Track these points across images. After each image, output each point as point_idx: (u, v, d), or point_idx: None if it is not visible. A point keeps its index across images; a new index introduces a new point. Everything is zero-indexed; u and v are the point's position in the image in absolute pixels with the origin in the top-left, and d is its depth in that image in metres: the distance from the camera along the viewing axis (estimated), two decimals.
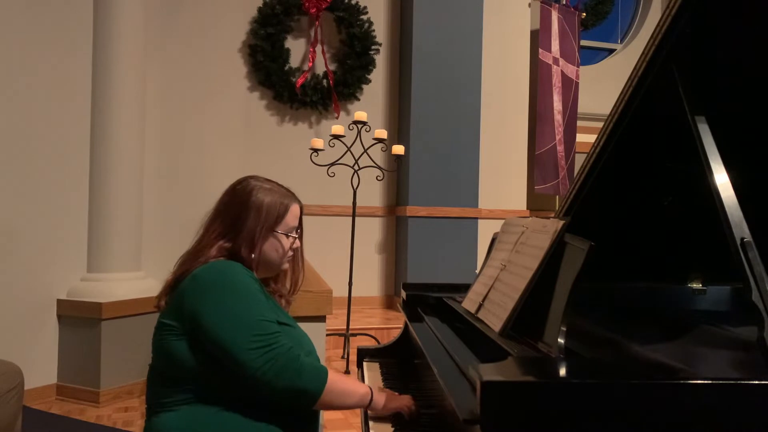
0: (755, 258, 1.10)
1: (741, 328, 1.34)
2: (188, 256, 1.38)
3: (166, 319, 1.31)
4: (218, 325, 1.23)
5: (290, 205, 1.45)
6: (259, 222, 1.38)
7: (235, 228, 1.38)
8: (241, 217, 1.39)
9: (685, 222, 1.60)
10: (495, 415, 0.84)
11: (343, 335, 3.98)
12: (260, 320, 1.25)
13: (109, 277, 3.68)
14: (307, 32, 5.24)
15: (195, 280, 1.29)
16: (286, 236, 1.44)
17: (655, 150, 1.55)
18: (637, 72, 1.36)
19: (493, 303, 1.33)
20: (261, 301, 1.30)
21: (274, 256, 1.43)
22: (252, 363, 1.20)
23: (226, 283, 1.28)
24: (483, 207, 5.26)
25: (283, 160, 5.00)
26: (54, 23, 3.58)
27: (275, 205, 1.41)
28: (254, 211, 1.39)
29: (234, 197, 1.43)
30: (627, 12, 7.00)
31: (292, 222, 1.45)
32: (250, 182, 1.44)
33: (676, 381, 0.90)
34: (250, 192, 1.41)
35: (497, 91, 5.38)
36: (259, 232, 1.38)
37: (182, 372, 1.27)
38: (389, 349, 1.87)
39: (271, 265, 1.45)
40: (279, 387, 1.21)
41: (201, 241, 1.40)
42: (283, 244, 1.43)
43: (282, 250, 1.43)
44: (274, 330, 1.26)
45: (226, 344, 1.21)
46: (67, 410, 3.34)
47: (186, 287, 1.30)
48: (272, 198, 1.42)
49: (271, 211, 1.40)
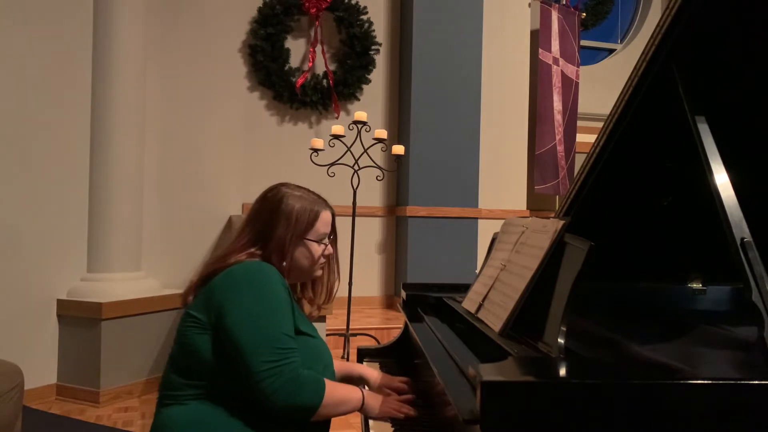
0: (755, 258, 1.11)
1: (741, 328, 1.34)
2: (217, 260, 1.37)
3: (193, 311, 1.32)
4: (242, 326, 1.23)
5: (321, 211, 1.44)
6: (289, 229, 1.39)
7: (266, 236, 1.39)
8: (271, 224, 1.39)
9: (686, 222, 1.60)
10: (495, 415, 0.84)
11: (343, 335, 3.98)
12: (282, 333, 1.25)
13: (109, 277, 3.68)
14: (307, 32, 5.24)
15: (229, 276, 1.30)
16: (318, 243, 1.44)
17: (655, 150, 1.55)
18: (637, 72, 1.36)
19: (493, 303, 1.33)
20: (287, 313, 1.29)
21: (305, 264, 1.43)
22: (261, 373, 1.20)
23: (258, 285, 1.28)
24: (483, 207, 5.26)
25: (283, 160, 5.00)
26: (54, 23, 3.58)
27: (305, 212, 1.41)
28: (284, 219, 1.39)
29: (264, 204, 1.43)
30: (627, 12, 7.00)
31: (324, 229, 1.45)
32: (281, 189, 1.44)
33: (676, 381, 0.90)
34: (281, 199, 1.41)
35: (497, 91, 5.38)
36: (290, 240, 1.39)
37: (198, 365, 1.28)
38: (389, 349, 1.87)
39: (303, 273, 1.45)
40: (278, 403, 1.21)
41: (232, 246, 1.40)
42: (314, 251, 1.43)
43: (313, 258, 1.43)
44: (290, 345, 1.26)
45: (244, 348, 1.22)
46: (67, 410, 3.35)
47: (218, 282, 1.30)
48: (302, 205, 1.42)
49: (301, 219, 1.40)
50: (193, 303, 1.33)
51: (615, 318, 1.54)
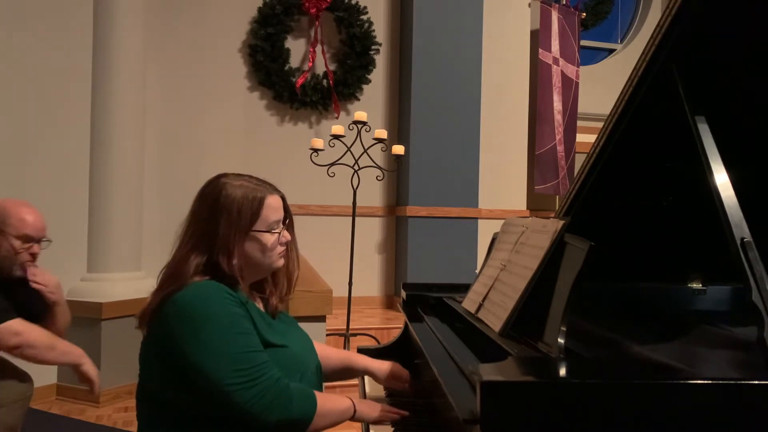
0: (755, 258, 1.11)
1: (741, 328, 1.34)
2: (166, 276, 1.26)
3: (149, 343, 1.24)
4: (201, 360, 1.14)
5: (265, 197, 1.29)
6: (232, 224, 1.24)
7: (209, 235, 1.24)
8: (212, 222, 1.25)
9: (686, 222, 1.60)
10: (495, 415, 0.84)
11: (343, 335, 3.98)
12: (244, 352, 1.16)
13: (109, 277, 3.68)
14: (307, 32, 5.24)
15: (176, 307, 1.19)
16: (269, 233, 1.29)
17: (655, 150, 1.55)
18: (637, 72, 1.36)
19: (493, 303, 1.33)
20: (245, 329, 1.19)
21: (259, 258, 1.29)
22: (236, 397, 1.13)
23: (205, 313, 1.17)
24: (483, 207, 5.26)
25: (283, 160, 4.99)
26: (54, 24, 3.58)
27: (247, 201, 1.26)
28: (225, 213, 1.25)
29: (203, 202, 1.29)
30: (627, 12, 7.00)
31: (273, 216, 1.29)
32: (219, 181, 1.30)
33: (676, 381, 0.90)
34: (219, 192, 1.27)
35: (497, 91, 5.37)
36: (234, 236, 1.24)
37: (160, 393, 1.21)
38: (389, 349, 1.87)
39: (260, 267, 1.31)
40: (271, 420, 1.15)
41: (176, 256, 1.27)
42: (266, 242, 1.28)
43: (267, 249, 1.29)
44: (261, 361, 1.17)
45: (210, 379, 1.13)
46: (67, 410, 3.34)
47: (168, 314, 1.19)
48: (243, 193, 1.27)
49: (244, 209, 1.25)
50: (149, 334, 1.24)
51: (615, 318, 1.54)
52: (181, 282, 1.21)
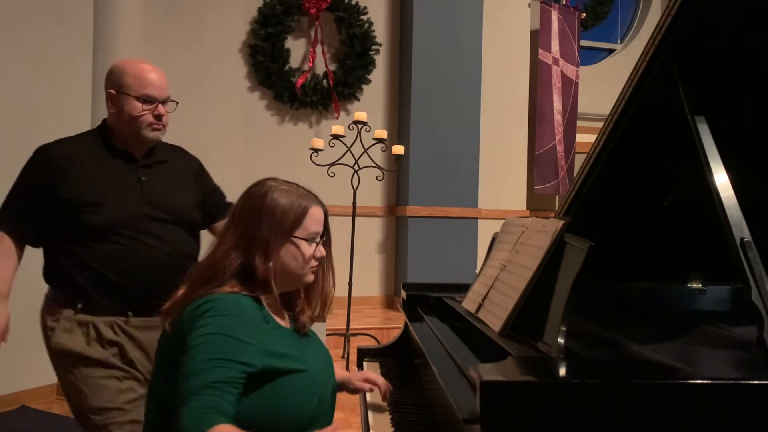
0: (755, 258, 1.11)
1: (741, 328, 1.34)
2: (202, 270, 1.25)
3: (165, 338, 1.24)
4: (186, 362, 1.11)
5: (309, 207, 1.30)
6: (273, 226, 1.25)
7: (249, 235, 1.25)
8: (255, 222, 1.25)
9: (685, 222, 1.60)
10: (495, 415, 0.84)
11: (343, 335, 3.98)
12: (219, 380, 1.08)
13: None
14: (307, 32, 5.24)
15: (198, 311, 1.17)
16: (307, 242, 1.28)
17: (655, 150, 1.55)
18: (637, 72, 1.36)
19: (493, 303, 1.33)
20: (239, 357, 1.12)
21: (293, 265, 1.27)
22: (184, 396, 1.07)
23: (212, 315, 1.15)
24: (483, 207, 5.26)
25: (284, 161, 4.99)
26: (54, 24, 3.58)
27: (292, 207, 1.27)
28: (268, 215, 1.25)
29: (248, 201, 1.30)
30: (627, 12, 6.99)
31: (314, 227, 1.30)
32: (265, 183, 1.31)
33: (676, 381, 0.90)
34: (265, 194, 1.27)
35: (497, 91, 5.37)
36: (275, 238, 1.25)
37: (166, 393, 1.19)
38: (389, 349, 1.87)
39: (292, 276, 1.29)
40: None
41: (215, 252, 1.27)
42: (303, 250, 1.28)
43: (303, 258, 1.28)
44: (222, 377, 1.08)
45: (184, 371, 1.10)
46: (67, 410, 3.32)
47: (187, 317, 1.19)
48: (289, 199, 1.28)
49: (288, 214, 1.26)
50: (170, 331, 1.22)
51: (615, 318, 1.54)
52: (215, 284, 1.21)
